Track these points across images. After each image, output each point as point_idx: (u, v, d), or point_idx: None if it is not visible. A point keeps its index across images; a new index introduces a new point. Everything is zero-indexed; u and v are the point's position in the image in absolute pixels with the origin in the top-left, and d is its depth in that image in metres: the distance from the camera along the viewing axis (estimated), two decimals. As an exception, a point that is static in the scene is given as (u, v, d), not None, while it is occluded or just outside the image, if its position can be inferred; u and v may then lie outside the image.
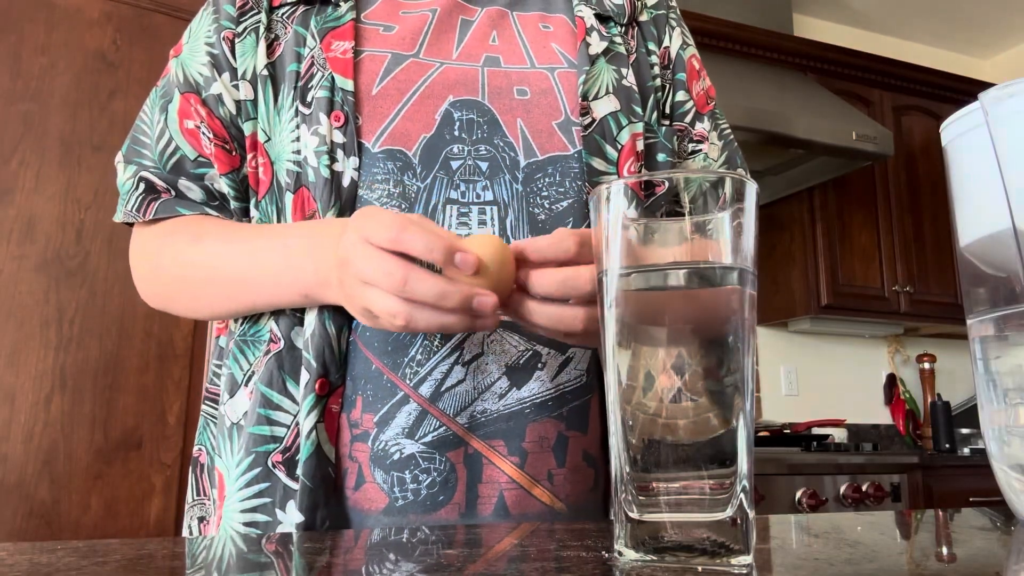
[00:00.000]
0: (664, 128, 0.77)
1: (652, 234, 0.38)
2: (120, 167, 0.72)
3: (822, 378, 3.31)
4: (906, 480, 2.53)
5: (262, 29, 0.68)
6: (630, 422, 0.36)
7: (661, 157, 0.75)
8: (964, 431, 3.12)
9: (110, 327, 2.03)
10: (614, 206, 0.38)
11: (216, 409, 0.69)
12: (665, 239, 0.37)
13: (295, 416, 0.62)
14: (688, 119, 0.79)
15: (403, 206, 0.64)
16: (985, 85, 3.35)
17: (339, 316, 0.62)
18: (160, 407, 2.06)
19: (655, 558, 0.34)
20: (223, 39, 0.69)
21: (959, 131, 0.50)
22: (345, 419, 0.62)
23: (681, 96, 0.79)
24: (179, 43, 0.73)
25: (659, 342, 0.36)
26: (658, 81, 0.77)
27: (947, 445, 3.04)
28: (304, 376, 0.61)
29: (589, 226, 0.69)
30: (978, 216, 0.49)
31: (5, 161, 2.00)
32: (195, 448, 0.73)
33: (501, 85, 0.69)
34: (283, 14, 0.69)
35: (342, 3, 0.69)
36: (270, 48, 0.68)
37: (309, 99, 0.65)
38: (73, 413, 1.96)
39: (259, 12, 0.69)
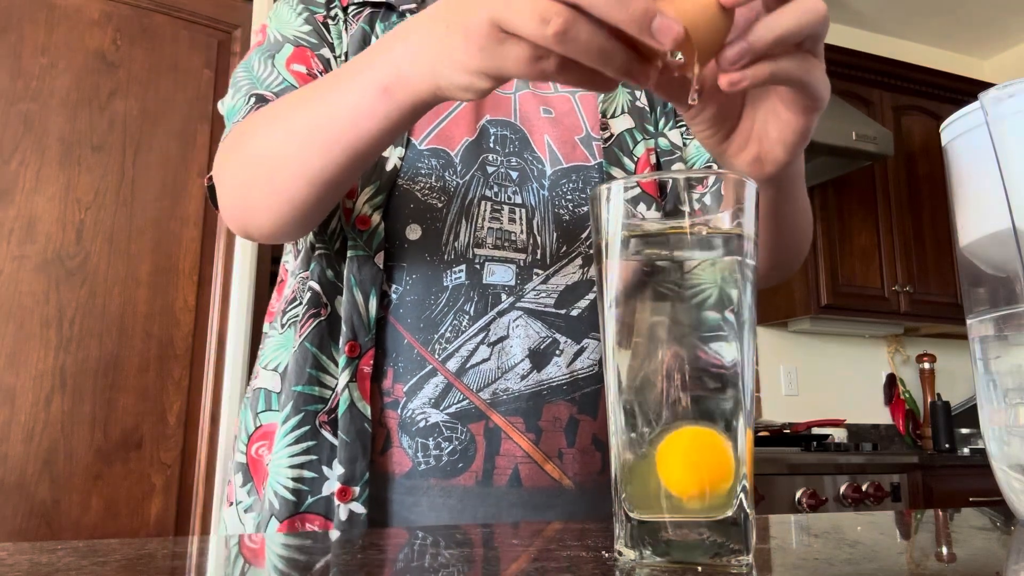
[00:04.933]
0: (672, 129, 0.83)
1: (652, 234, 0.38)
2: (227, 97, 0.72)
3: (822, 378, 3.31)
4: (906, 480, 2.53)
5: (341, 20, 0.75)
6: (630, 421, 0.36)
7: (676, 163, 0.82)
8: (964, 431, 3.12)
9: (110, 327, 2.03)
10: (614, 206, 0.38)
11: (256, 378, 0.74)
12: (665, 239, 0.37)
13: (338, 379, 0.67)
14: None
15: (443, 199, 0.70)
16: (985, 85, 3.35)
17: (366, 283, 0.67)
18: (160, 407, 2.06)
19: (655, 558, 0.35)
20: (315, 18, 0.74)
21: (959, 131, 0.50)
22: (377, 387, 0.68)
23: None
24: (262, 27, 0.77)
25: (659, 341, 0.36)
26: None
27: (947, 445, 3.04)
28: (341, 340, 0.67)
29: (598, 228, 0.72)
30: (978, 216, 0.49)
31: (5, 161, 2.00)
32: (236, 429, 0.78)
33: (530, 107, 0.78)
34: (352, 12, 0.76)
35: (408, 15, 0.75)
36: (340, 39, 0.75)
37: None
38: (73, 413, 1.96)
39: (336, 4, 0.76)
